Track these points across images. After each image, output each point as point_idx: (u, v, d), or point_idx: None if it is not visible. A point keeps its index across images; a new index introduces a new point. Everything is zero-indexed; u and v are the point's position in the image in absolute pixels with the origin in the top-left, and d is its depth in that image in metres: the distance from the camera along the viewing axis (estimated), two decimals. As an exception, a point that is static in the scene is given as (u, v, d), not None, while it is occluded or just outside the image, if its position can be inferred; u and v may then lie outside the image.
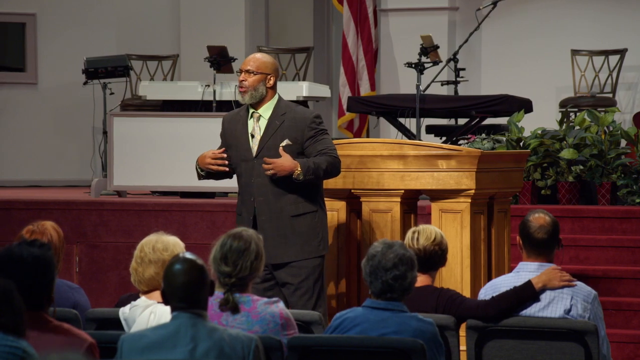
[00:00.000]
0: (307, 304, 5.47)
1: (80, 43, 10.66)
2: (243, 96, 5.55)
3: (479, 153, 5.96)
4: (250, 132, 5.57)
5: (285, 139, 5.49)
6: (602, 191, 7.91)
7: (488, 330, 4.71)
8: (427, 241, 4.90)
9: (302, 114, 5.56)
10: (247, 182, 5.55)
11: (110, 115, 8.73)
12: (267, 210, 5.51)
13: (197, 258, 3.72)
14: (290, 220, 5.50)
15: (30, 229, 4.87)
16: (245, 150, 5.55)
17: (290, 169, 5.43)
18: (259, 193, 5.52)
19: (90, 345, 3.53)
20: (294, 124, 5.52)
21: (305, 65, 10.42)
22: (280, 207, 5.50)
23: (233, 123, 5.63)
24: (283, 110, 5.56)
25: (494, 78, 10.54)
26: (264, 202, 5.51)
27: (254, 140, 5.55)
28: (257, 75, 5.53)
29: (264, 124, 5.56)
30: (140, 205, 8.16)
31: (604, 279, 7.09)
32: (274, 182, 5.50)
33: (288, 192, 5.50)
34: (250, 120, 5.59)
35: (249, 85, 5.53)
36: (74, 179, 10.46)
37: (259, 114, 5.58)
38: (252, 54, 5.67)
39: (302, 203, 5.52)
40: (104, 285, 7.99)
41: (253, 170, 5.54)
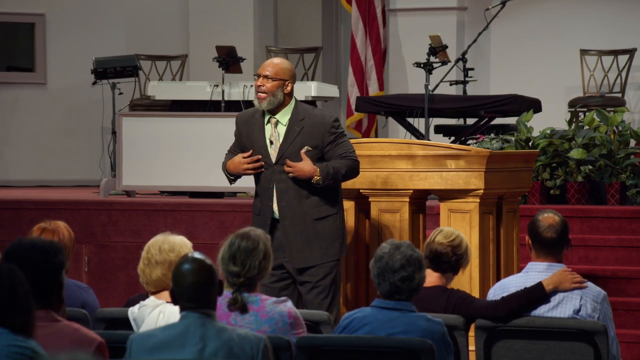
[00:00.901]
0: (322, 302, 5.50)
1: (89, 43, 10.67)
2: (261, 102, 5.53)
3: (487, 153, 5.95)
4: (268, 139, 5.56)
5: (305, 144, 5.50)
6: (611, 191, 7.89)
7: (497, 330, 4.70)
8: (444, 239, 4.89)
9: (321, 119, 5.55)
10: (266, 187, 5.56)
11: (119, 115, 8.74)
12: (290, 214, 5.53)
13: (206, 258, 3.73)
14: (313, 224, 5.53)
15: (41, 226, 4.88)
16: (264, 157, 5.55)
17: (309, 174, 5.47)
18: (281, 198, 5.53)
19: (99, 345, 3.53)
20: (314, 129, 5.52)
21: (314, 65, 10.42)
22: (304, 211, 5.52)
23: (248, 126, 5.61)
24: (301, 115, 5.55)
25: (503, 78, 10.53)
26: (286, 206, 5.52)
27: (273, 147, 5.55)
28: (275, 81, 5.52)
29: (282, 130, 5.55)
30: (149, 205, 8.17)
31: (613, 279, 7.08)
32: (296, 186, 5.51)
33: (310, 196, 5.53)
34: (267, 126, 5.58)
35: (267, 91, 5.52)
36: (83, 179, 10.48)
37: (277, 120, 5.57)
38: (269, 59, 5.65)
39: (324, 206, 5.55)
40: (112, 285, 8.00)
41: (273, 176, 5.54)
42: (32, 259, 3.49)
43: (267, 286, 5.47)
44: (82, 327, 3.58)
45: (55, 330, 3.52)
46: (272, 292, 5.41)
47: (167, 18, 11.12)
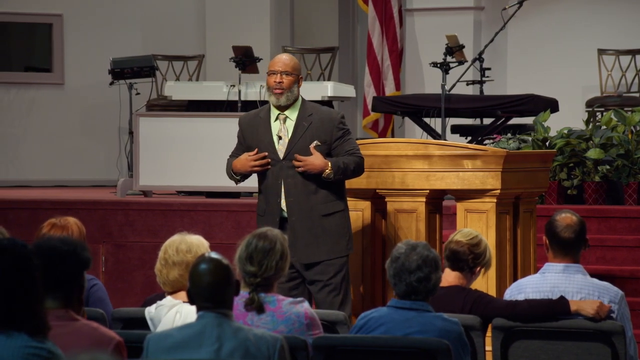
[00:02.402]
0: (334, 300, 5.50)
1: (106, 43, 10.70)
2: (279, 98, 5.55)
3: (504, 153, 5.94)
4: (276, 134, 5.57)
5: (314, 139, 5.52)
6: (628, 191, 7.86)
7: (514, 331, 4.69)
8: (463, 237, 4.87)
9: (329, 115, 5.59)
10: (273, 183, 5.56)
11: (136, 116, 8.76)
12: (297, 210, 5.53)
13: (223, 258, 3.73)
14: (320, 220, 5.53)
15: (52, 222, 4.89)
16: (271, 153, 5.56)
17: (321, 168, 5.48)
18: (289, 194, 5.53)
19: (118, 344, 3.54)
20: (322, 125, 5.54)
21: (330, 65, 10.42)
22: (311, 206, 5.53)
23: (253, 126, 5.64)
24: (309, 111, 5.58)
25: (520, 78, 10.50)
26: (294, 202, 5.53)
27: (282, 142, 5.56)
28: (292, 77, 5.56)
29: (291, 126, 5.57)
30: (166, 205, 8.18)
31: (631, 280, 7.05)
32: (304, 182, 5.51)
33: (317, 192, 5.54)
34: (275, 122, 5.59)
35: (286, 87, 5.54)
36: (100, 179, 10.50)
37: (285, 116, 5.59)
38: (279, 56, 5.67)
39: (332, 202, 5.56)
40: (129, 285, 8.02)
41: (281, 172, 5.55)
42: (61, 249, 3.51)
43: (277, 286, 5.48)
44: (100, 327, 3.59)
45: (74, 330, 3.53)
46: (282, 291, 5.42)
47: (184, 18, 11.13)
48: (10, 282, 3.25)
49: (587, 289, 4.72)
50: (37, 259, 3.33)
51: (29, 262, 3.28)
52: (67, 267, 3.53)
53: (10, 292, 3.25)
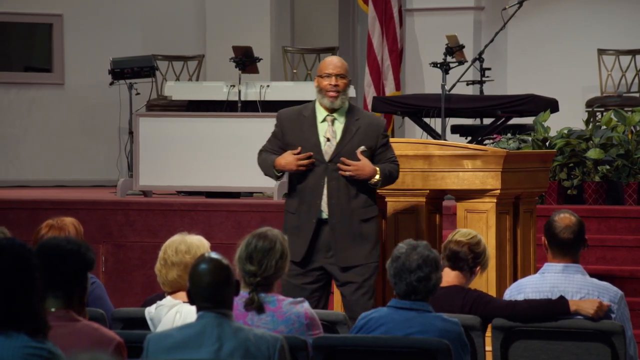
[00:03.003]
0: (367, 303, 5.52)
1: (106, 43, 10.70)
2: (333, 101, 5.54)
3: (504, 153, 5.94)
4: (323, 136, 5.55)
5: (361, 144, 5.51)
6: (628, 191, 7.86)
7: (514, 331, 4.69)
8: (462, 237, 4.88)
9: (376, 121, 5.62)
10: (315, 184, 5.53)
11: (136, 116, 8.76)
12: (339, 212, 5.52)
13: (223, 258, 3.73)
14: (359, 224, 5.54)
15: (49, 223, 4.89)
16: (316, 153, 5.53)
17: (370, 174, 5.49)
18: (332, 196, 5.52)
19: (118, 345, 3.54)
20: (369, 130, 5.55)
21: (331, 65, 10.41)
22: (352, 210, 5.53)
23: (296, 123, 5.60)
24: (356, 115, 5.59)
25: (520, 78, 10.50)
26: (336, 204, 5.52)
27: (329, 144, 5.54)
28: (346, 80, 5.59)
29: (339, 128, 5.56)
30: (166, 205, 8.18)
31: (631, 280, 7.05)
32: (346, 185, 5.51)
33: (358, 196, 5.54)
34: (322, 124, 5.57)
35: (341, 90, 5.55)
36: (100, 179, 10.51)
37: (334, 117, 5.57)
38: (331, 58, 5.66)
39: (370, 207, 5.58)
40: (129, 285, 8.02)
41: (324, 173, 5.53)
42: (65, 249, 3.51)
43: (301, 286, 5.49)
44: (101, 327, 3.59)
45: (74, 330, 3.53)
46: (304, 292, 5.43)
47: (184, 18, 11.14)
48: (10, 282, 3.25)
49: (587, 288, 4.72)
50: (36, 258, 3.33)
51: (28, 262, 3.29)
52: (70, 266, 3.53)
53: (10, 292, 3.25)
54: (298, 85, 9.29)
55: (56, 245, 3.55)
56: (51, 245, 3.55)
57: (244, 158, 8.44)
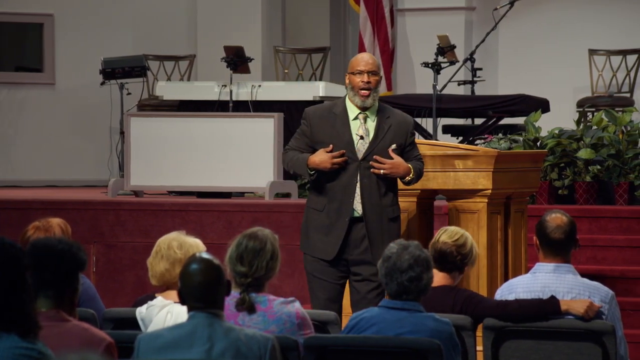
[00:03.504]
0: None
1: (97, 43, 10.69)
2: (365, 99, 5.48)
3: (495, 153, 5.94)
4: (356, 133, 5.51)
5: (393, 142, 5.48)
6: (619, 191, 7.88)
7: (505, 331, 4.70)
8: (448, 239, 4.89)
9: (404, 119, 5.59)
10: (348, 183, 5.48)
11: (128, 116, 8.75)
12: (371, 211, 5.49)
13: (214, 258, 3.73)
14: (388, 223, 5.52)
15: (35, 225, 4.88)
16: (349, 151, 5.48)
17: (405, 172, 5.46)
18: (364, 194, 5.48)
19: (108, 345, 3.53)
20: (399, 128, 5.52)
21: (322, 65, 10.42)
22: (382, 208, 5.51)
23: (326, 121, 5.53)
24: (387, 113, 5.55)
25: (511, 78, 10.51)
26: (367, 202, 5.48)
27: (362, 142, 5.50)
28: (378, 76, 5.53)
29: (371, 126, 5.51)
30: (157, 205, 8.17)
31: (622, 279, 7.06)
32: (377, 183, 5.48)
33: (387, 195, 5.52)
34: (354, 121, 5.52)
35: (373, 87, 5.50)
36: (91, 179, 10.49)
37: (366, 115, 5.53)
38: (362, 55, 5.60)
39: (396, 206, 5.57)
40: (121, 285, 8.01)
41: (357, 172, 5.48)
42: (57, 249, 3.50)
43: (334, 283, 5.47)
44: (91, 327, 3.58)
45: (65, 330, 3.52)
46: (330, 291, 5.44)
47: (175, 18, 11.13)
48: (0, 282, 3.25)
49: (578, 288, 4.73)
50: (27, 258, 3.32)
51: (19, 262, 3.28)
52: (61, 266, 3.52)
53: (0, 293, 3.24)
54: (289, 85, 9.29)
55: (48, 245, 3.54)
56: (43, 245, 3.54)
57: (235, 158, 8.44)
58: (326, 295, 5.48)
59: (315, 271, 5.51)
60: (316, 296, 5.50)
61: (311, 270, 5.53)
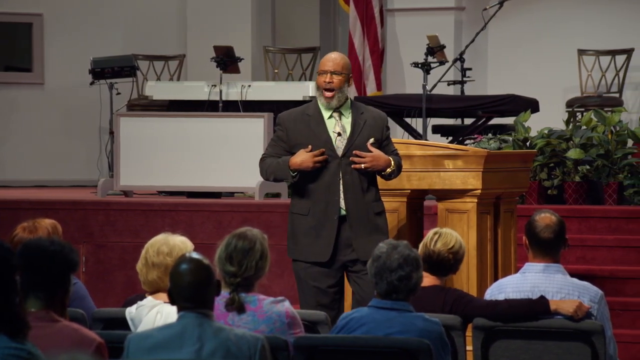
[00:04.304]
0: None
1: (86, 43, 10.67)
2: (329, 101, 5.46)
3: (485, 153, 5.95)
4: (333, 131, 5.48)
5: (369, 137, 5.47)
6: (608, 191, 7.90)
7: (495, 330, 4.71)
8: (444, 247, 4.90)
9: (378, 114, 5.58)
10: (331, 181, 5.45)
11: (117, 116, 8.74)
12: (354, 207, 5.46)
13: (204, 258, 3.73)
14: (374, 218, 5.48)
15: (24, 225, 4.86)
16: (328, 150, 5.46)
17: (385, 164, 5.45)
18: (347, 191, 5.46)
19: (99, 345, 3.53)
20: (374, 123, 5.51)
21: (312, 65, 10.42)
22: (366, 203, 5.48)
23: (301, 122, 5.50)
24: (360, 109, 5.54)
25: (501, 78, 10.53)
26: (351, 199, 5.46)
27: (340, 139, 5.48)
28: (341, 76, 5.48)
29: (347, 123, 5.50)
30: (147, 205, 8.17)
31: (611, 279, 7.08)
32: (359, 179, 5.46)
33: (369, 190, 5.50)
34: (329, 120, 5.50)
35: (336, 87, 5.47)
36: (81, 179, 10.47)
37: (340, 113, 5.51)
38: (329, 54, 5.57)
39: (380, 201, 5.55)
40: (110, 285, 8.00)
41: (339, 169, 5.46)
42: (48, 250, 3.49)
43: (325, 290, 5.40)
44: (81, 328, 3.58)
45: (55, 331, 3.52)
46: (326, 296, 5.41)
47: (165, 18, 11.12)
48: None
49: (567, 288, 4.74)
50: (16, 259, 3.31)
51: (8, 262, 3.27)
52: (53, 267, 3.51)
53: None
54: (279, 85, 9.29)
55: (40, 246, 3.53)
56: (35, 246, 3.53)
57: (225, 158, 8.44)
58: (319, 302, 5.42)
59: (308, 278, 5.45)
60: (307, 303, 5.43)
61: (304, 277, 5.46)
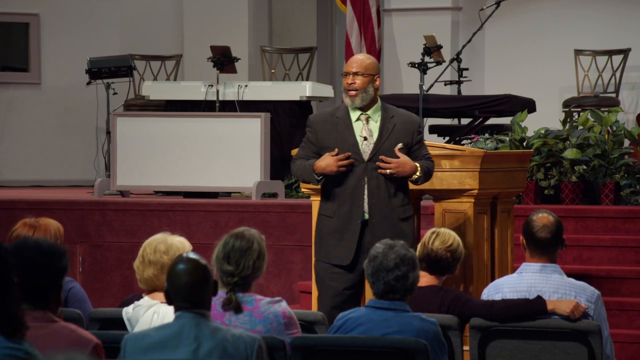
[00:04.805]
0: None
1: (83, 43, 10.67)
2: (353, 100, 5.44)
3: (482, 153, 5.96)
4: (360, 135, 5.46)
5: (398, 142, 5.43)
6: (605, 191, 7.90)
7: (491, 330, 4.71)
8: (442, 245, 4.90)
9: (410, 118, 5.53)
10: (356, 185, 5.42)
11: (114, 115, 8.73)
12: (378, 212, 5.42)
13: (201, 258, 3.73)
14: (399, 223, 5.43)
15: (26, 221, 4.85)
16: (354, 153, 5.43)
17: (411, 171, 5.40)
18: (372, 195, 5.42)
19: (95, 346, 3.53)
20: (404, 127, 5.46)
21: (309, 65, 10.42)
22: (391, 209, 5.44)
23: (329, 125, 5.48)
24: (390, 113, 5.50)
25: (497, 78, 10.53)
26: (376, 204, 5.42)
27: (366, 143, 5.45)
28: (365, 77, 5.44)
29: (375, 127, 5.47)
30: (144, 205, 8.16)
31: (608, 279, 7.08)
32: (386, 184, 5.43)
33: (396, 195, 5.45)
34: (356, 123, 5.48)
35: (359, 88, 5.44)
36: (78, 179, 10.47)
37: (367, 116, 5.49)
38: (355, 56, 5.57)
39: (407, 206, 5.49)
40: (107, 285, 8.00)
41: (364, 173, 5.43)
42: (37, 261, 3.48)
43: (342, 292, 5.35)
44: (78, 328, 3.57)
45: (52, 332, 3.51)
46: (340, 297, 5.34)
47: (162, 18, 11.11)
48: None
49: (564, 288, 4.74)
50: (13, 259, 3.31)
51: (5, 262, 3.26)
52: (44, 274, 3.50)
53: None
54: (276, 85, 9.29)
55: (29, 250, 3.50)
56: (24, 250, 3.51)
57: (222, 158, 8.43)
58: (334, 303, 5.37)
59: (327, 278, 5.41)
60: (322, 303, 5.42)
61: (323, 276, 5.44)
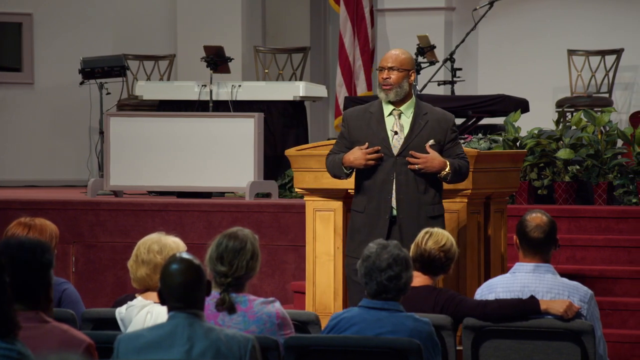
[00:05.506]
0: None
1: (76, 43, 10.65)
2: (387, 94, 5.44)
3: (475, 153, 5.96)
4: (391, 130, 5.45)
5: (430, 138, 5.42)
6: (598, 191, 7.91)
7: (485, 330, 4.71)
8: (435, 245, 4.90)
9: (444, 116, 5.52)
10: (385, 180, 5.42)
11: (107, 115, 8.72)
12: (406, 208, 5.41)
13: (194, 258, 3.72)
14: (427, 221, 5.39)
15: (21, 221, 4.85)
16: (384, 148, 5.43)
17: (439, 167, 5.39)
18: (400, 191, 5.41)
19: (88, 346, 3.52)
20: (438, 124, 5.46)
21: (302, 65, 10.42)
22: (419, 206, 5.42)
23: (362, 120, 5.49)
24: (424, 109, 5.49)
25: (491, 78, 10.54)
26: (404, 200, 5.41)
27: (397, 137, 5.44)
28: (400, 72, 5.45)
29: (407, 122, 5.47)
30: (137, 205, 8.16)
31: (601, 279, 7.09)
32: (415, 179, 5.41)
33: (427, 191, 5.44)
34: (389, 118, 5.48)
35: (393, 83, 5.44)
36: (71, 179, 10.45)
37: (400, 111, 5.49)
38: (391, 51, 5.57)
39: (437, 205, 5.48)
40: (100, 285, 7.99)
41: (393, 168, 5.42)
42: (20, 257, 3.48)
43: None
44: (71, 329, 3.57)
45: (44, 332, 3.51)
46: None
47: (155, 18, 11.10)
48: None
49: (557, 288, 4.75)
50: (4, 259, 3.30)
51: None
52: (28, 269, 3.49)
53: None
54: (270, 85, 9.28)
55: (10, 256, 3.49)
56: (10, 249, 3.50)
57: (215, 158, 8.43)
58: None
59: (353, 273, 5.30)
60: (352, 300, 5.41)
61: (349, 273, 5.45)
